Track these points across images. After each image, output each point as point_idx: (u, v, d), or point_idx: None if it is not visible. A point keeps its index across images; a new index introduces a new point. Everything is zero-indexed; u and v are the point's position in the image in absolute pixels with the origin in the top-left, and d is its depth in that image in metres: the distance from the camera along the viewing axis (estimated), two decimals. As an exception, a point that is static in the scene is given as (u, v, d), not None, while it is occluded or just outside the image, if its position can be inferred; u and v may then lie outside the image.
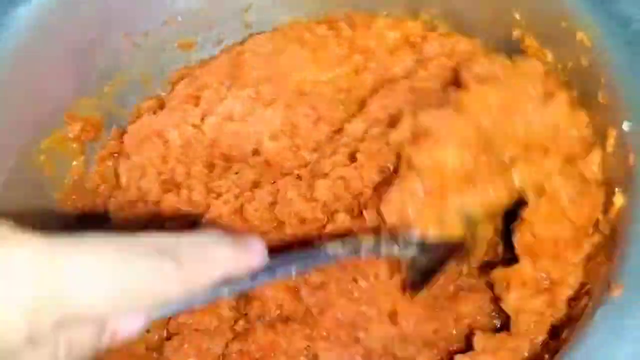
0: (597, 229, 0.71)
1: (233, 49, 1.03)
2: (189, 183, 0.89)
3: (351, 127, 0.87)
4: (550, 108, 0.72)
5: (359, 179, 0.81)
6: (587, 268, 0.72)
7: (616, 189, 0.68)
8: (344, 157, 0.84)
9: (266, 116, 0.92)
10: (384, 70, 0.94)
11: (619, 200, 0.67)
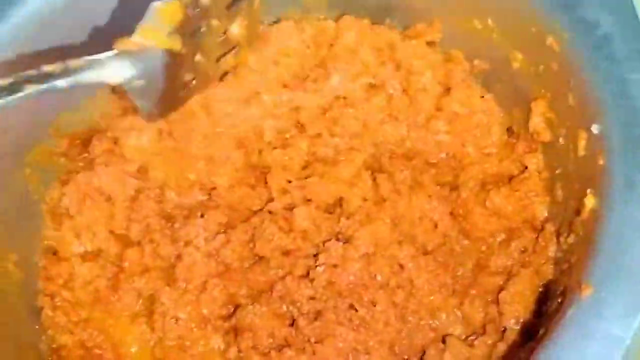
0: (572, 229, 0.73)
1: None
2: (152, 238, 0.87)
3: None
4: None
5: None
6: (562, 268, 0.74)
7: (588, 191, 0.69)
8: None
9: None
10: None
11: (590, 201, 0.68)
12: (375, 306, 0.77)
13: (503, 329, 0.75)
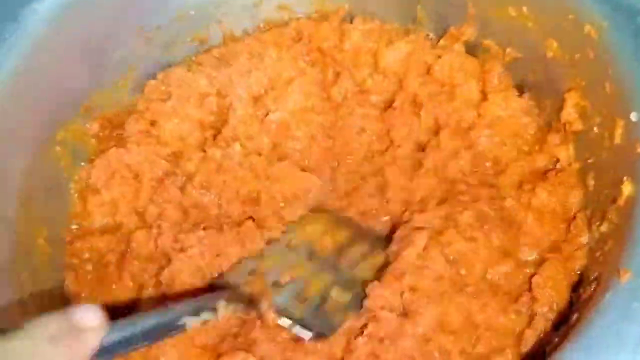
0: (605, 218, 0.73)
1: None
2: (160, 225, 0.86)
3: None
4: None
5: None
6: (596, 257, 0.73)
7: (624, 178, 0.69)
8: None
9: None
10: None
11: (627, 188, 0.68)
12: None
13: (534, 315, 0.74)
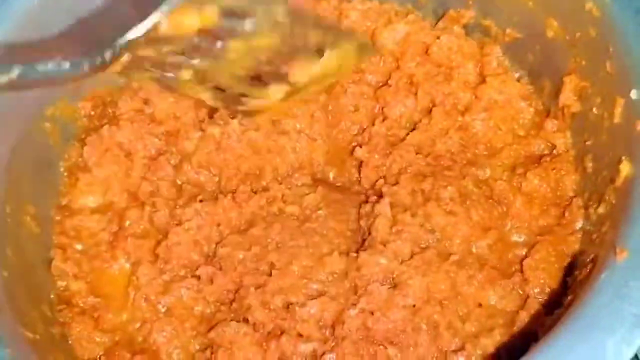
0: (603, 199, 0.71)
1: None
2: (154, 201, 0.86)
3: None
4: None
5: None
6: (592, 238, 0.72)
7: (622, 157, 0.68)
8: None
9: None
10: None
11: (625, 168, 0.67)
12: None
13: (526, 297, 0.73)
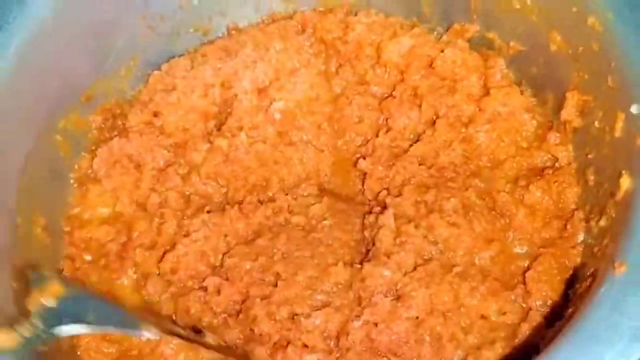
0: (604, 212, 0.72)
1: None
2: (163, 212, 0.87)
3: None
4: None
5: None
6: (594, 252, 0.73)
7: (623, 172, 0.68)
8: None
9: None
10: None
11: (625, 182, 0.67)
12: None
13: (528, 309, 0.74)
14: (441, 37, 0.98)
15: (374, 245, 0.80)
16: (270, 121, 0.94)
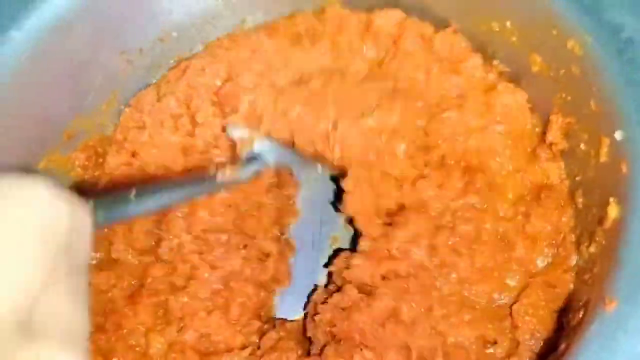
0: (594, 238, 0.71)
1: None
2: (185, 258, 0.84)
3: None
4: None
5: None
6: (585, 279, 0.72)
7: (611, 199, 0.67)
8: None
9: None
10: None
11: (613, 210, 0.66)
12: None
13: (517, 343, 0.72)
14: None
15: None
16: None
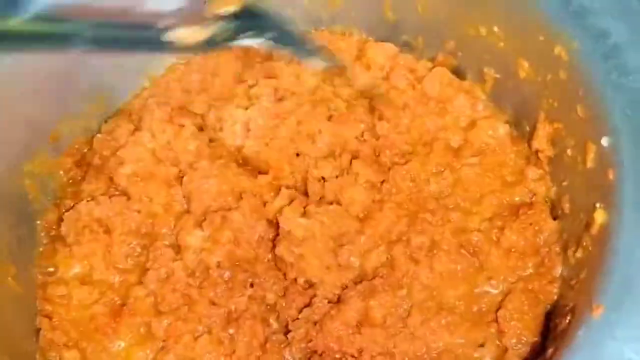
0: (580, 244, 0.71)
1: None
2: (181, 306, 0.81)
3: None
4: None
5: None
6: (572, 284, 0.72)
7: (597, 205, 0.68)
8: None
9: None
10: None
11: (600, 216, 0.67)
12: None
13: (504, 349, 0.73)
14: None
15: None
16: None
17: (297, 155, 0.88)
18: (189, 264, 0.82)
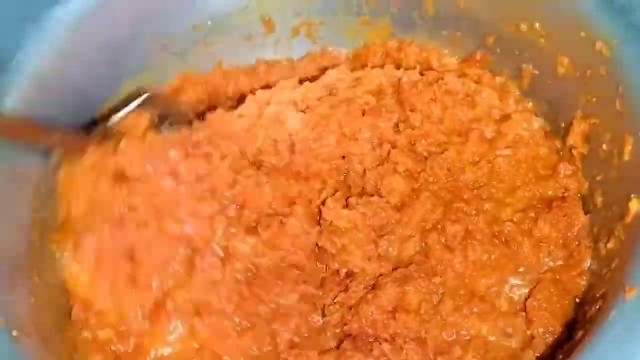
0: (612, 234, 0.73)
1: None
2: None
3: None
4: None
5: None
6: (602, 274, 0.73)
7: (632, 195, 0.69)
8: None
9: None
10: None
11: (635, 205, 0.68)
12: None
13: (531, 337, 0.75)
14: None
15: None
16: None
17: (343, 157, 0.89)
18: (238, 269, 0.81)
